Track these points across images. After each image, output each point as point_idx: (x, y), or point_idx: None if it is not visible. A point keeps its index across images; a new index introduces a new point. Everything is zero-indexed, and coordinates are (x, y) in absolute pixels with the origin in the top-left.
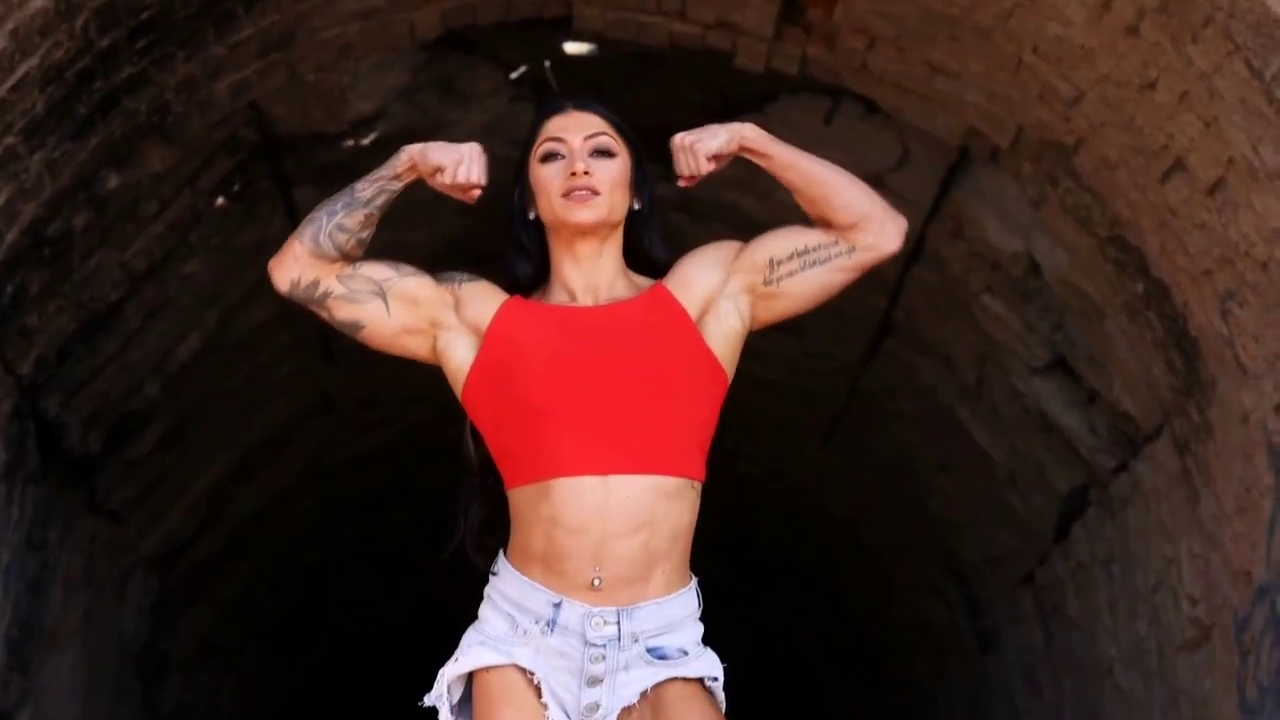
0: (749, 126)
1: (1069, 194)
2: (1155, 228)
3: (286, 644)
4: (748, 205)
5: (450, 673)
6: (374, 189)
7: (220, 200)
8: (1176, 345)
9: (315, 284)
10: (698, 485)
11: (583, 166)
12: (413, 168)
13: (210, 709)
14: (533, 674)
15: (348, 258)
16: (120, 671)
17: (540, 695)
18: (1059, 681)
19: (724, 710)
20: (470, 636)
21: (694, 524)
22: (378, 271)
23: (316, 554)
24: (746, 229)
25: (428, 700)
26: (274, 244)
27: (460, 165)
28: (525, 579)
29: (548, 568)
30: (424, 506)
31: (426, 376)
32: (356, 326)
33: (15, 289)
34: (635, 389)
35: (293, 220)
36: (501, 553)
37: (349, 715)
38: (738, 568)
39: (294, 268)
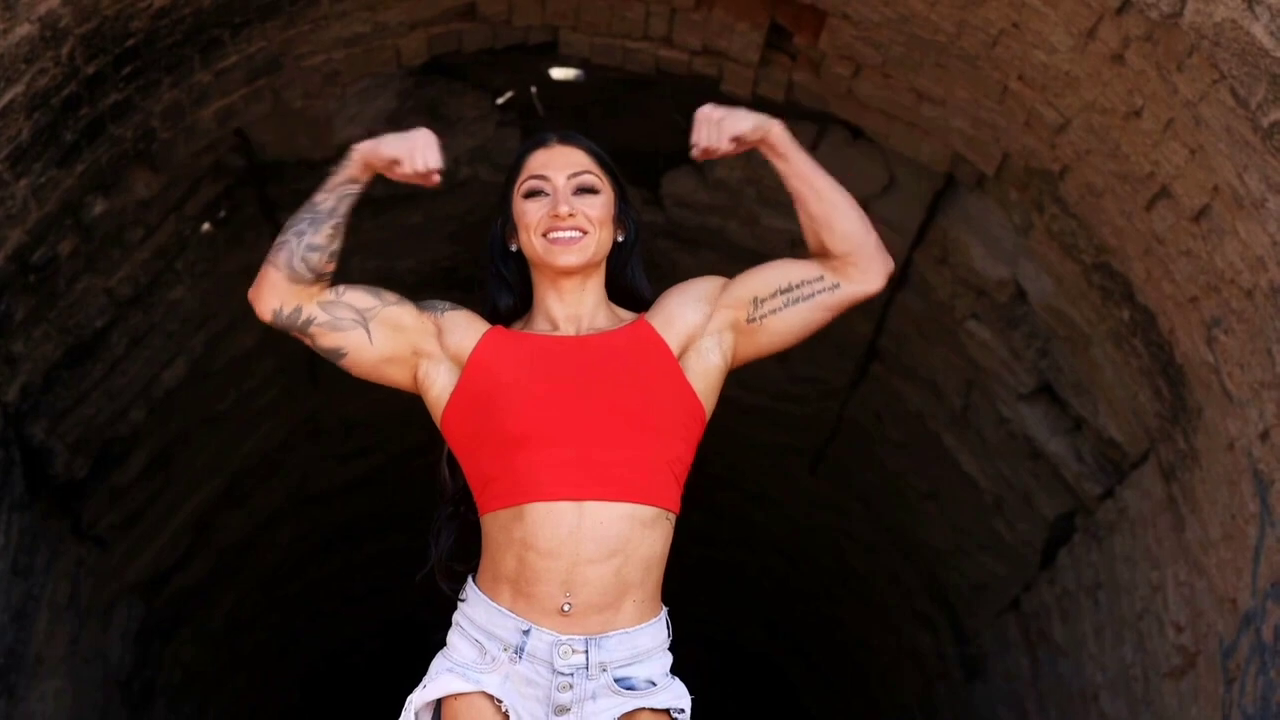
0: (778, 123)
1: (1055, 220)
2: (1141, 254)
3: (271, 672)
4: (733, 231)
5: (418, 700)
6: (334, 198)
7: (206, 226)
8: (1163, 372)
9: (298, 310)
10: (672, 517)
11: (566, 209)
12: (367, 165)
13: None
14: (500, 702)
15: (323, 276)
16: (106, 699)
17: None
18: (1045, 708)
19: None
20: (438, 663)
21: (666, 555)
22: (361, 299)
23: (301, 581)
24: (733, 255)
25: None
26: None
27: (415, 153)
28: (494, 605)
29: (517, 591)
30: (409, 533)
31: (412, 401)
32: (339, 354)
33: (1, 315)
34: (614, 419)
35: None
36: (470, 579)
37: None
38: (723, 593)
39: (274, 297)
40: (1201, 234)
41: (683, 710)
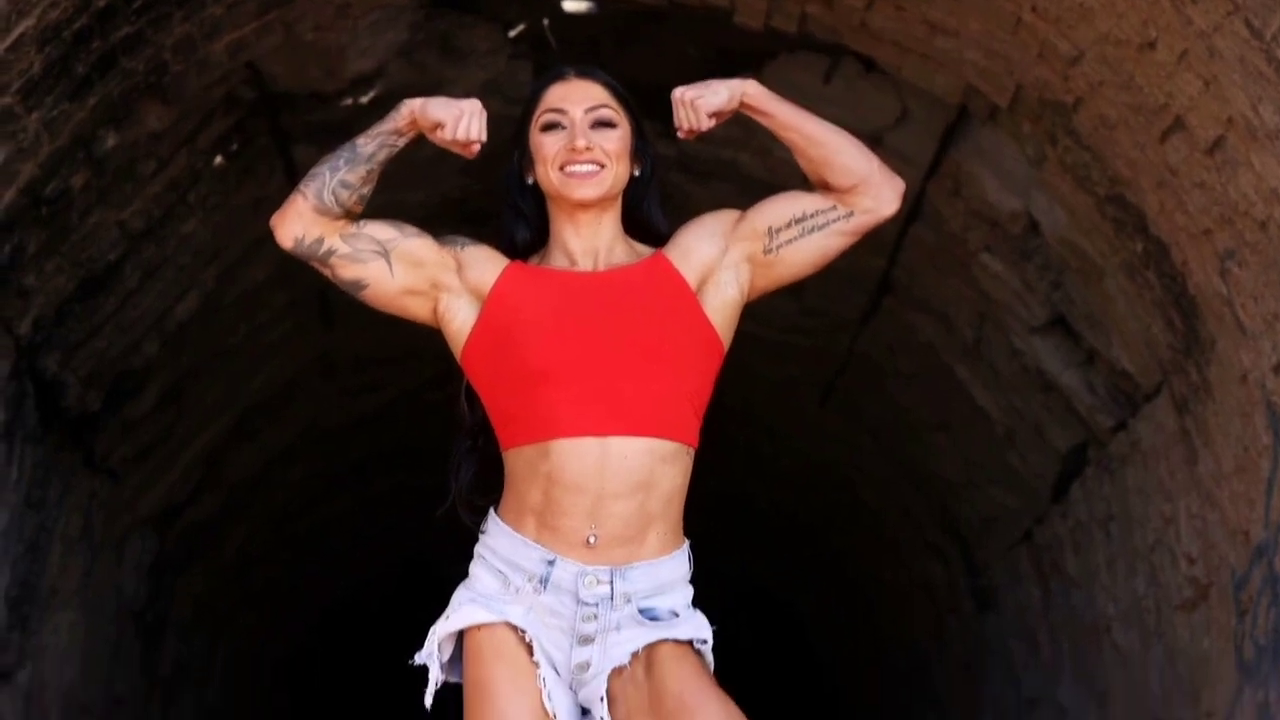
0: (751, 83)
1: (1068, 153)
2: (1154, 187)
3: (282, 607)
4: (746, 163)
5: (441, 630)
6: (375, 144)
7: (218, 159)
8: (1175, 304)
9: (319, 241)
10: (691, 451)
11: (584, 142)
12: (413, 123)
13: (205, 670)
14: (524, 632)
15: (350, 214)
16: (119, 631)
17: (531, 653)
18: (1057, 640)
19: (712, 672)
20: (460, 594)
21: (686, 489)
22: (382, 232)
23: (312, 517)
24: (746, 187)
25: (418, 658)
26: (272, 202)
27: (460, 121)
28: (519, 536)
29: (543, 524)
30: (422, 469)
31: (425, 337)
32: (359, 285)
33: (13, 249)
34: (633, 354)
35: (291, 179)
36: (492, 510)
37: (344, 677)
38: (733, 528)
39: (297, 224)
40: (1215, 166)
41: (705, 641)
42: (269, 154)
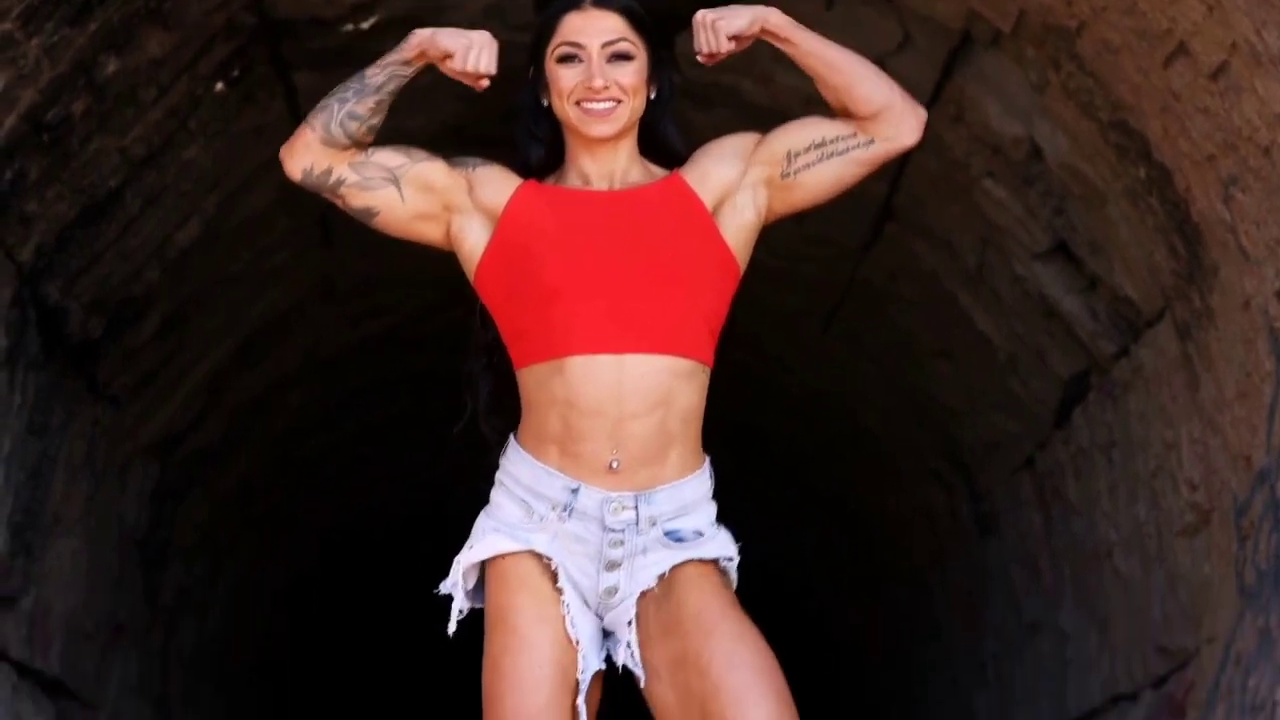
0: (774, 11)
1: (1071, 78)
2: (1157, 112)
3: (284, 534)
4: (748, 90)
5: (465, 560)
6: (385, 74)
7: (219, 86)
8: (1178, 230)
9: (328, 172)
10: (708, 370)
11: (601, 82)
12: (422, 53)
13: (208, 597)
14: (549, 559)
15: (359, 145)
16: (122, 558)
17: (555, 580)
18: (1058, 566)
19: (735, 588)
20: (483, 523)
21: (703, 408)
22: (390, 158)
23: (314, 444)
24: (748, 114)
25: (442, 588)
26: (273, 129)
27: (470, 53)
28: (540, 464)
29: (564, 450)
30: (425, 395)
31: (426, 263)
32: (370, 213)
33: (14, 175)
34: (649, 273)
35: (291, 106)
36: (512, 437)
37: (346, 604)
38: (732, 455)
39: (305, 156)
40: (1219, 91)
41: (731, 558)
42: (269, 81)
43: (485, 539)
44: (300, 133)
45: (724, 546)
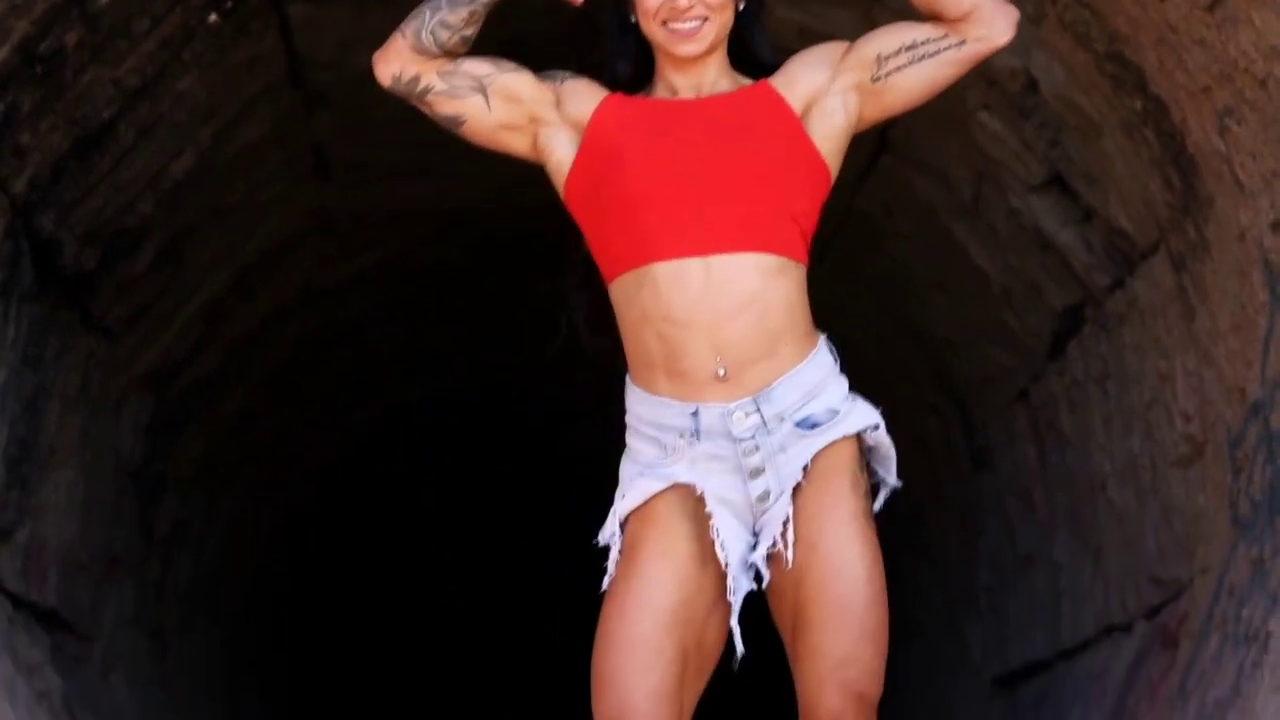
0: None
1: (1067, 10)
2: (1153, 44)
3: (281, 466)
4: None
5: (622, 510)
6: None
7: (212, 17)
8: (1174, 162)
9: (416, 79)
10: (802, 267)
11: (686, 1)
12: None
13: (205, 529)
14: (694, 486)
15: (450, 54)
16: (118, 490)
17: (703, 507)
18: (1052, 498)
19: (889, 451)
20: (627, 469)
21: (805, 300)
22: (479, 67)
23: (311, 376)
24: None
25: (601, 540)
26: (266, 61)
27: None
28: (654, 396)
29: (670, 373)
30: (420, 329)
31: (424, 194)
32: (457, 121)
33: (7, 107)
34: (735, 175)
35: (285, 38)
36: (628, 377)
37: (345, 537)
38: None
39: (395, 63)
40: (1215, 23)
41: (876, 426)
42: (263, 12)
43: (634, 485)
44: (392, 40)
45: (862, 418)
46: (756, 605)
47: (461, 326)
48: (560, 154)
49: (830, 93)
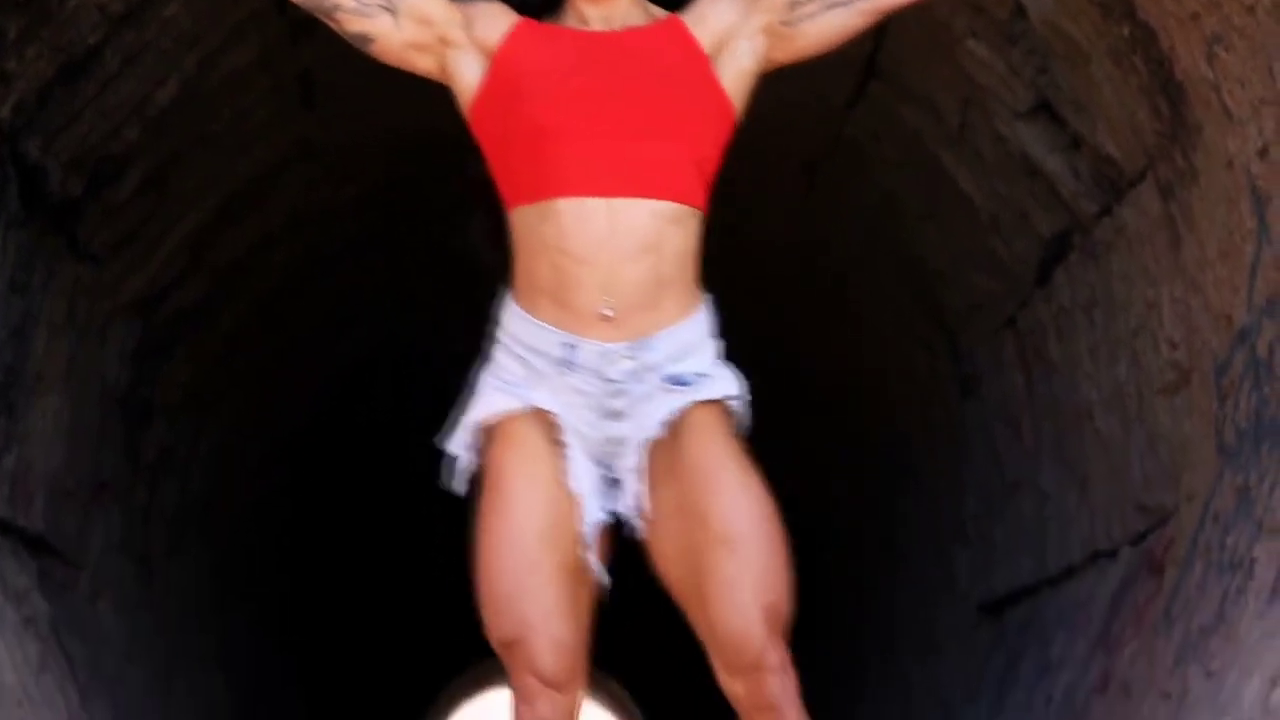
0: None
1: None
2: None
3: (268, 393)
4: None
5: (470, 421)
6: None
7: None
8: (1162, 89)
9: None
10: (700, 215)
11: None
12: None
13: (192, 455)
14: (553, 415)
15: None
16: (104, 416)
17: (558, 435)
18: (1038, 426)
19: (747, 425)
20: (486, 380)
21: (697, 251)
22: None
23: (298, 302)
24: None
25: (449, 448)
26: None
27: None
28: (535, 320)
29: (556, 301)
30: (404, 256)
31: (408, 120)
32: (366, 40)
33: None
34: (642, 115)
35: None
36: (509, 294)
37: (330, 461)
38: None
39: None
40: None
41: (737, 397)
42: None
43: (489, 398)
44: None
45: (728, 385)
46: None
47: (446, 257)
48: (468, 78)
49: (740, 35)
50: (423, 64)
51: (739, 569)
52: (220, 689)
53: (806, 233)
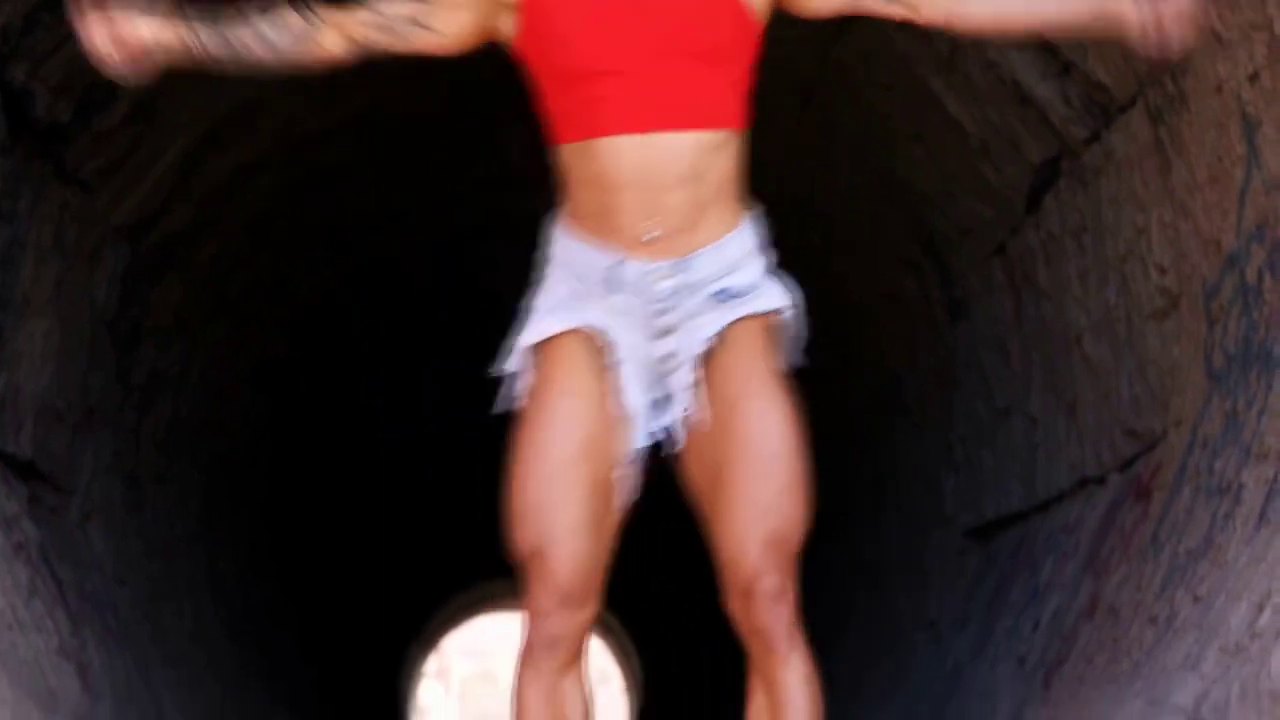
0: None
1: None
2: None
3: (259, 315)
4: None
5: (523, 342)
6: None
7: None
8: None
9: (353, 43)
10: (740, 135)
11: None
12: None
13: (181, 378)
14: (602, 333)
15: (336, 41)
16: (94, 339)
17: (607, 355)
18: (1028, 351)
19: (803, 335)
20: (540, 302)
21: (740, 167)
22: (400, 7)
23: (288, 226)
24: None
25: (508, 368)
26: None
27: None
28: (581, 242)
29: (601, 226)
30: (393, 181)
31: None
32: (424, 54)
33: None
34: (675, 44)
35: None
36: (558, 220)
37: (318, 386)
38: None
39: (331, 48)
40: None
41: (787, 308)
42: None
43: (540, 320)
44: (309, 51)
45: (777, 298)
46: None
47: (434, 178)
48: (505, 33)
49: None
50: (475, 42)
51: (749, 491)
52: (210, 612)
53: (797, 157)
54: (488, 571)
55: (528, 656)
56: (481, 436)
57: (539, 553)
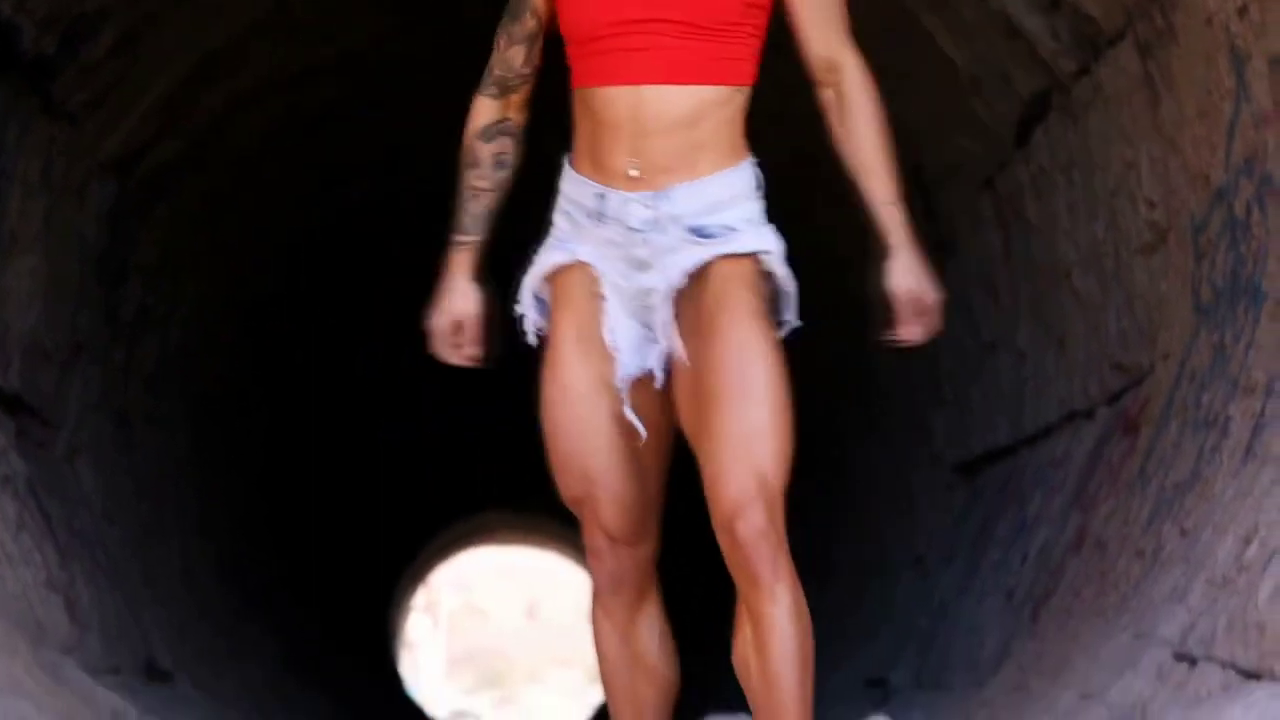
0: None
1: None
2: None
3: (247, 251)
4: None
5: (529, 281)
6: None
7: None
8: None
9: (524, 74)
10: (746, 89)
11: None
12: None
13: (169, 315)
14: (592, 266)
15: (511, 105)
16: (82, 275)
17: (597, 288)
18: (1016, 286)
19: (787, 285)
20: (546, 241)
21: (742, 116)
22: (503, 73)
23: (277, 163)
24: None
25: (518, 309)
26: None
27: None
28: (577, 175)
29: (594, 162)
30: (382, 119)
31: None
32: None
33: None
34: (682, 16)
35: None
36: (566, 159)
37: (310, 321)
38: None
39: (524, 98)
40: None
41: (768, 252)
42: None
43: (544, 253)
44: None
45: (758, 240)
46: None
47: (427, 118)
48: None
49: None
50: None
51: (728, 427)
52: (199, 548)
53: (784, 91)
54: (476, 505)
55: (596, 598)
56: (472, 370)
57: (584, 497)
